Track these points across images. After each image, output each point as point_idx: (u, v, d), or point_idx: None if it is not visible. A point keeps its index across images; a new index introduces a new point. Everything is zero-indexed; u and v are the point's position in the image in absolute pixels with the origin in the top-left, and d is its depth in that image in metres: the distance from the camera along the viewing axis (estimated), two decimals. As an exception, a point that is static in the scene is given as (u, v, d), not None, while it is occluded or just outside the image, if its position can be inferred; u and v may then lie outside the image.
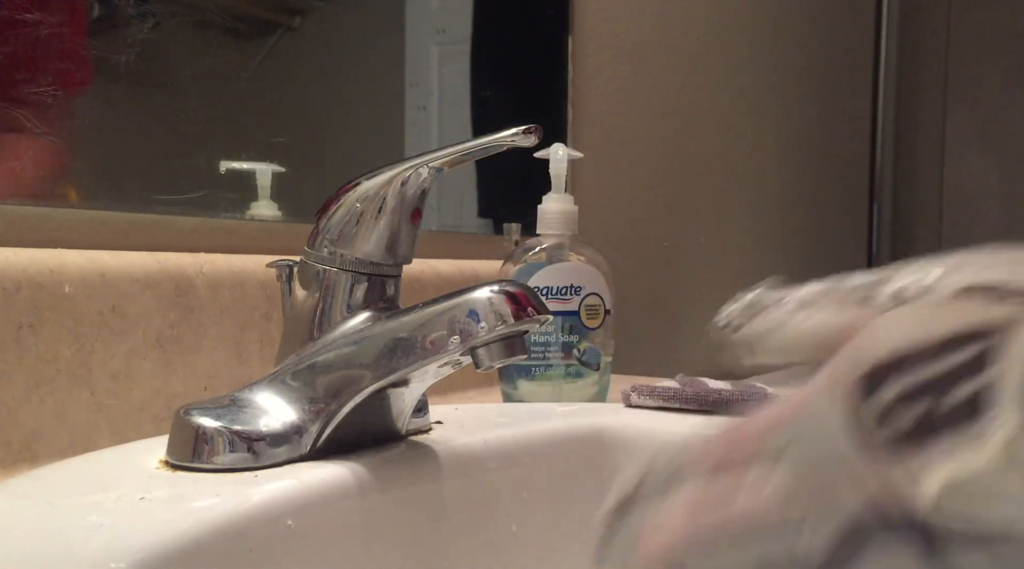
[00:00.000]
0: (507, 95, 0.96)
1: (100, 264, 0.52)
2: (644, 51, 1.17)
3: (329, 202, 0.44)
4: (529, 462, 0.51)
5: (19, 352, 0.48)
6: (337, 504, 0.40)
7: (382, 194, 0.44)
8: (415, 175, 0.44)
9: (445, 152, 0.43)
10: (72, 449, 0.49)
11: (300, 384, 0.43)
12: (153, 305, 0.54)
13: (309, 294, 0.44)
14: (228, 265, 0.59)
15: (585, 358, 0.66)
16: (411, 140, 0.84)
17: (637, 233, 1.17)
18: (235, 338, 0.59)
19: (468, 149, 0.43)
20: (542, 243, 0.67)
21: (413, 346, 0.41)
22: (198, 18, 0.63)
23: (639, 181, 1.17)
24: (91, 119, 0.57)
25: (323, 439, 0.42)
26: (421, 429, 0.49)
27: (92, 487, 0.37)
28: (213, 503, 0.35)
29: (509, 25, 0.97)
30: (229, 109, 0.66)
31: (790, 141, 1.61)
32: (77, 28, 0.55)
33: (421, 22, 0.86)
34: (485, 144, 0.43)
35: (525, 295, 0.41)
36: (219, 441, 0.40)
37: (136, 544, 0.31)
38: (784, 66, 1.58)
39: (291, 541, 0.37)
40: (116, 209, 0.57)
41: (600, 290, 0.67)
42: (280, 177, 0.68)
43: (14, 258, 0.48)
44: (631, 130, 1.15)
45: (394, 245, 0.44)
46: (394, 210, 0.44)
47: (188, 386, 0.56)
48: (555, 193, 0.67)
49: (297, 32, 0.73)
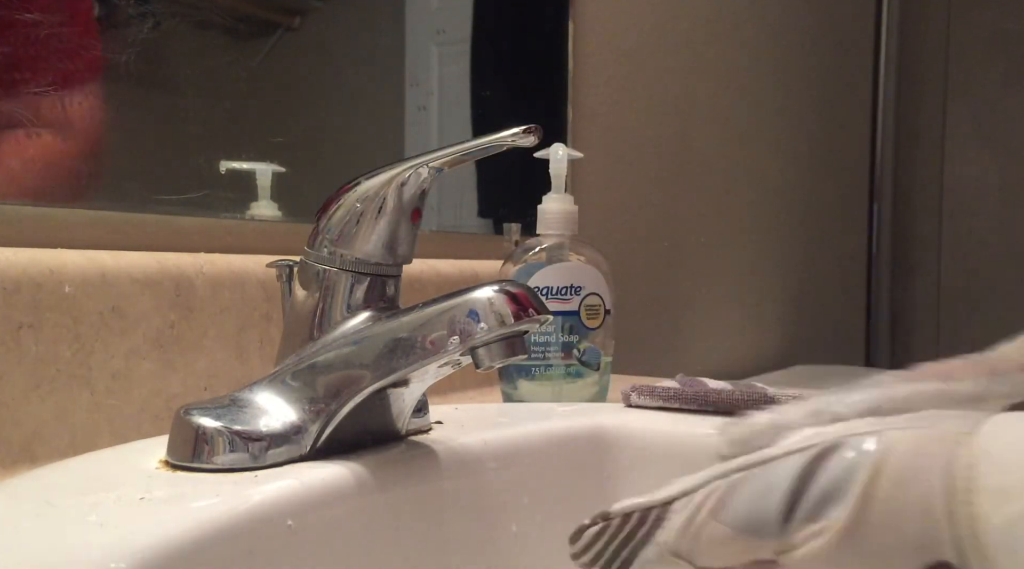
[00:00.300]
0: (507, 95, 0.96)
1: (100, 264, 0.52)
2: (644, 51, 1.17)
3: (329, 202, 0.44)
4: (529, 462, 0.51)
5: (19, 352, 0.48)
6: (337, 504, 0.40)
7: (382, 194, 0.44)
8: (415, 175, 0.44)
9: (445, 152, 0.44)
10: (72, 449, 0.49)
11: (300, 384, 0.43)
12: (153, 305, 0.54)
13: (309, 294, 0.44)
14: (228, 265, 0.59)
15: (585, 358, 0.66)
16: (411, 140, 0.84)
17: (637, 233, 1.17)
18: (235, 338, 0.59)
19: (468, 149, 0.43)
20: (542, 243, 0.67)
21: (413, 346, 0.41)
22: (198, 18, 0.63)
23: (639, 181, 1.17)
24: (91, 119, 0.57)
25: (323, 439, 0.42)
26: (421, 429, 0.49)
27: (92, 487, 0.37)
28: (213, 503, 0.35)
29: (509, 25, 0.97)
30: (229, 109, 0.66)
31: (790, 141, 1.61)
32: (81, 25, 0.55)
33: (421, 22, 0.86)
34: (485, 144, 0.43)
35: (525, 295, 0.41)
36: (219, 441, 0.40)
37: (136, 544, 0.31)
38: (784, 66, 1.58)
39: (291, 541, 0.37)
40: (116, 209, 0.57)
41: (600, 290, 0.67)
42: (280, 177, 0.68)
43: (14, 258, 0.48)
44: (631, 130, 1.15)
45: (394, 245, 0.44)
46: (394, 210, 0.44)
47: (188, 386, 0.56)
48: (555, 193, 0.67)
49: (297, 32, 0.73)
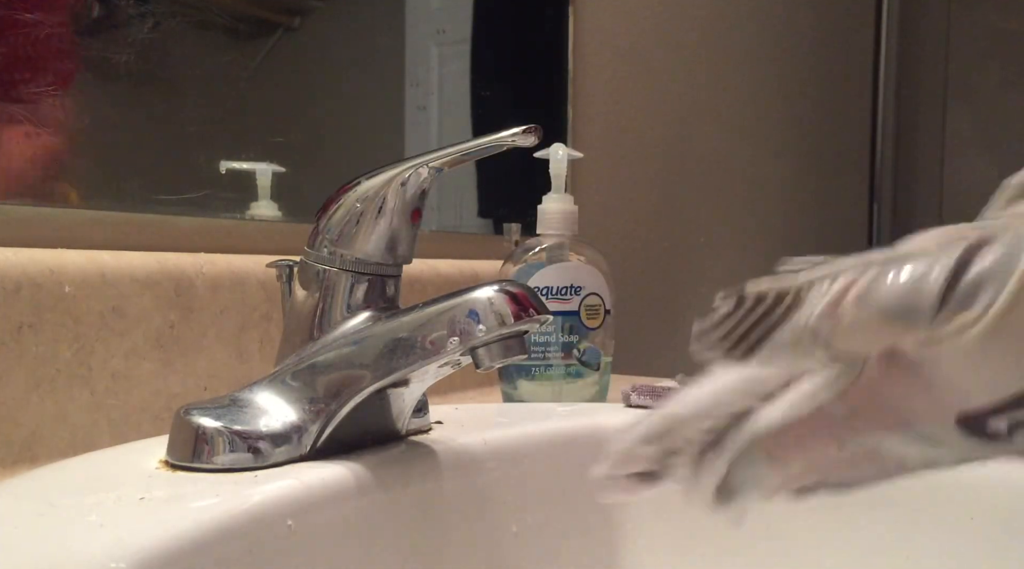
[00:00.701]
0: (507, 95, 0.95)
1: (100, 264, 0.52)
2: (644, 51, 1.17)
3: (329, 202, 0.44)
4: (529, 462, 0.51)
5: (19, 352, 0.48)
6: (337, 504, 0.40)
7: (382, 194, 0.44)
8: (415, 175, 0.44)
9: (445, 152, 0.44)
10: (72, 449, 0.49)
11: (300, 384, 0.43)
12: (153, 305, 0.54)
13: (309, 294, 0.44)
14: (228, 265, 0.59)
15: (585, 358, 0.66)
16: (411, 140, 0.84)
17: (637, 233, 1.17)
18: (235, 338, 0.59)
19: (468, 149, 0.43)
20: (542, 243, 0.67)
21: (413, 346, 0.41)
22: (198, 18, 0.63)
23: (639, 181, 1.17)
24: (91, 119, 0.57)
25: (323, 439, 0.42)
26: (421, 429, 0.49)
27: (92, 487, 0.37)
28: (213, 503, 0.35)
29: (509, 25, 0.97)
30: (229, 109, 0.66)
31: (790, 141, 1.61)
32: (57, 24, 0.54)
33: (421, 22, 0.86)
34: (485, 144, 0.43)
35: (525, 295, 0.41)
36: (219, 441, 0.40)
37: (136, 544, 0.31)
38: (784, 66, 1.58)
39: (291, 541, 0.37)
40: (116, 209, 0.57)
41: (600, 290, 0.67)
42: (280, 177, 0.68)
43: (14, 258, 0.48)
44: (631, 130, 1.15)
45: (394, 245, 0.44)
46: (394, 210, 0.44)
47: (188, 386, 0.56)
48: (555, 193, 0.67)
49: (297, 32, 0.73)
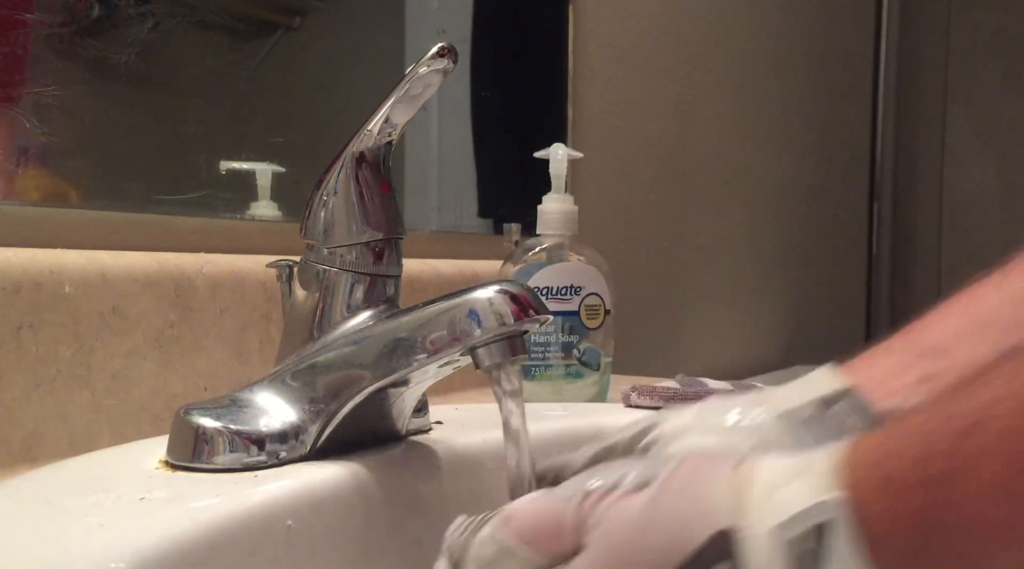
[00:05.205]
0: (507, 95, 0.95)
1: (100, 264, 0.52)
2: (644, 51, 1.17)
3: (306, 206, 0.44)
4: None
5: (19, 352, 0.48)
6: (337, 504, 0.40)
7: (342, 176, 0.43)
8: (365, 142, 0.43)
9: (382, 112, 0.43)
10: (72, 449, 0.49)
11: (300, 384, 0.43)
12: (153, 305, 0.54)
13: (309, 294, 0.44)
14: (228, 265, 0.59)
15: (585, 358, 0.66)
16: (411, 140, 0.84)
17: (637, 233, 1.17)
18: (235, 338, 0.59)
19: (399, 95, 0.42)
20: (542, 243, 0.67)
21: (413, 346, 0.41)
22: (198, 18, 0.63)
23: (639, 181, 1.17)
24: (91, 119, 0.57)
25: (323, 439, 0.42)
26: (421, 429, 0.49)
27: (92, 487, 0.37)
28: (213, 503, 0.35)
29: (509, 25, 0.97)
30: (229, 109, 0.66)
31: (790, 141, 1.61)
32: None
33: (421, 22, 0.86)
34: (409, 81, 0.42)
35: (525, 295, 0.41)
36: (219, 441, 0.40)
37: (136, 544, 0.31)
38: (784, 66, 1.58)
39: (291, 541, 0.37)
40: (116, 209, 0.57)
41: (600, 290, 0.67)
42: (280, 177, 0.68)
43: (14, 258, 0.48)
44: (631, 130, 1.15)
45: (378, 220, 0.44)
46: (360, 186, 0.43)
47: (188, 386, 0.56)
48: (555, 193, 0.67)
49: (297, 32, 0.73)
